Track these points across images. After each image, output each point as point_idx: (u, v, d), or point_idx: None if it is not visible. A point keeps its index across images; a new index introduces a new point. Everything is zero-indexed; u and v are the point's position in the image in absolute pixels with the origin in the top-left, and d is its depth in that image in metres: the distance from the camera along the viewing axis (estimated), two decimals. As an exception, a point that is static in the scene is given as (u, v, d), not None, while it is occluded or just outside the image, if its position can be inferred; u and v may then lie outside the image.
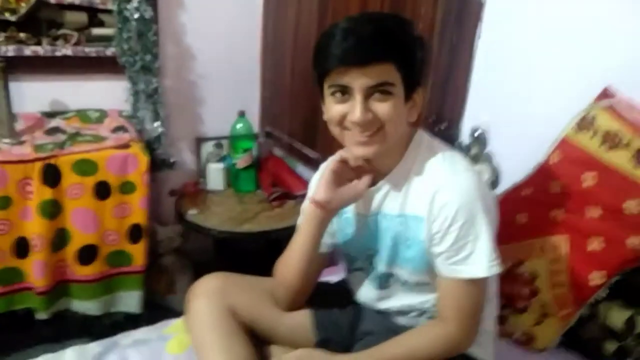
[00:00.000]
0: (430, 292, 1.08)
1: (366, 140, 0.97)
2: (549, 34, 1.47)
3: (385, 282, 1.13)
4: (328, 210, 1.07)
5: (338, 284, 1.31)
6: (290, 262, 1.11)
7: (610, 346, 1.25)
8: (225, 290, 1.13)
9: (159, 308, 2.10)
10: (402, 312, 1.15)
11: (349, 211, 1.13)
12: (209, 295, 1.12)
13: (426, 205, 0.99)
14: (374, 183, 1.07)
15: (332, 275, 1.40)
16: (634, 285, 1.23)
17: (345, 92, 0.95)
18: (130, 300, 1.93)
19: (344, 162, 1.07)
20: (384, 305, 1.16)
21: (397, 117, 0.96)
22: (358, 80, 0.92)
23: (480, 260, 0.97)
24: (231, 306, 1.11)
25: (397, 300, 1.14)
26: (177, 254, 2.23)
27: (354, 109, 0.94)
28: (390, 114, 0.95)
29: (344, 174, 1.07)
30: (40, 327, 1.87)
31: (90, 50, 2.01)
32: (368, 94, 0.94)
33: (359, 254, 1.16)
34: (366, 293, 1.18)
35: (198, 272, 2.26)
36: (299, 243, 1.10)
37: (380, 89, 0.93)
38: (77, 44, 2.00)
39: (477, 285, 0.99)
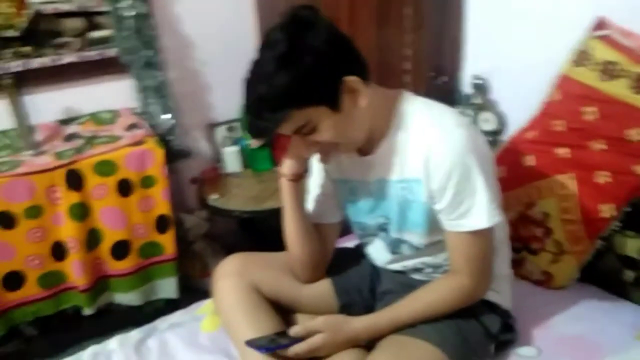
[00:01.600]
0: (442, 250, 1.11)
1: (325, 158, 1.05)
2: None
3: (397, 246, 1.16)
4: (294, 179, 1.12)
5: (355, 249, 1.35)
6: (290, 237, 1.17)
7: (629, 275, 1.27)
8: (246, 269, 1.19)
9: (196, 291, 2.18)
10: (417, 270, 1.19)
11: (353, 180, 1.16)
12: (231, 275, 1.18)
13: (421, 167, 1.01)
14: (370, 152, 1.09)
15: (349, 242, 1.44)
16: (646, 213, 1.24)
17: None
18: (167, 287, 2.02)
19: None
20: (399, 265, 1.20)
21: (340, 130, 0.98)
22: (280, 132, 0.96)
23: (480, 212, 0.99)
24: (253, 283, 1.17)
25: (411, 261, 1.18)
26: (206, 238, 2.31)
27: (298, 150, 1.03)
28: (329, 137, 0.98)
29: None
30: (88, 322, 1.98)
31: (93, 54, 2.06)
32: (297, 135, 0.98)
33: (368, 221, 1.19)
34: (380, 257, 1.22)
35: (228, 253, 2.34)
36: (287, 217, 1.16)
37: (302, 132, 0.97)
38: (79, 49, 2.05)
39: (482, 235, 1.01)
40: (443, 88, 1.70)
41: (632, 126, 1.20)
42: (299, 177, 1.12)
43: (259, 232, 2.35)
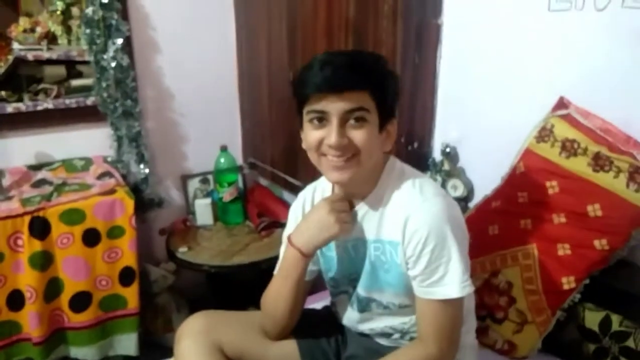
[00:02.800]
0: (411, 314, 1.12)
1: (342, 165, 1.01)
2: (506, 48, 1.53)
3: (366, 305, 1.16)
4: (308, 254, 1.11)
5: (323, 310, 1.34)
6: (279, 299, 1.15)
7: (589, 347, 1.29)
8: (210, 328, 1.16)
9: (157, 347, 2.12)
10: (384, 334, 1.18)
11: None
12: (194, 335, 1.15)
13: (400, 231, 1.03)
14: (350, 209, 1.11)
15: (317, 303, 1.43)
16: (604, 286, 1.27)
17: (322, 118, 1.00)
18: (127, 343, 1.95)
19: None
20: (366, 327, 1.20)
21: (372, 144, 1.01)
22: (334, 105, 0.98)
23: (452, 281, 1.01)
24: (217, 343, 1.15)
25: (379, 323, 1.17)
26: (171, 292, 2.27)
27: (331, 134, 0.99)
28: (365, 141, 1.00)
29: None
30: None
31: (71, 102, 2.08)
32: (344, 119, 0.99)
33: (341, 279, 1.20)
34: (349, 315, 1.22)
35: (193, 308, 2.29)
36: (286, 284, 1.13)
37: (355, 115, 0.99)
38: (57, 96, 2.07)
39: (452, 305, 1.02)
40: (414, 153, 1.74)
41: (591, 202, 1.25)
42: (311, 253, 1.11)
43: (227, 287, 2.31)
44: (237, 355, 1.17)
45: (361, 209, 1.10)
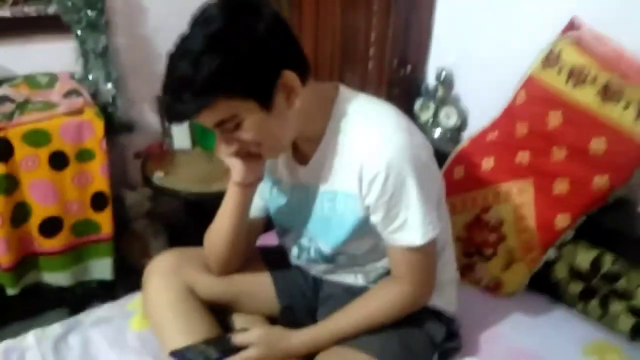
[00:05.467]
0: (379, 258, 1.06)
1: (245, 159, 0.95)
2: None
3: (331, 259, 1.08)
4: (246, 187, 1.01)
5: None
6: (217, 235, 1.07)
7: (576, 287, 1.25)
8: (180, 268, 1.09)
9: (134, 272, 2.07)
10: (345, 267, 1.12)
11: (281, 181, 1.09)
12: (163, 274, 1.08)
13: (356, 181, 0.93)
14: (307, 158, 1.00)
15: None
16: (599, 225, 1.21)
17: None
18: (101, 268, 1.90)
19: None
20: (335, 278, 1.14)
21: (266, 130, 0.88)
22: (200, 121, 0.86)
23: (414, 228, 0.93)
24: (188, 283, 1.08)
25: (348, 273, 1.11)
26: (148, 217, 2.19)
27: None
28: (253, 137, 0.88)
29: None
30: (16, 302, 1.85)
31: (30, 10, 1.88)
32: (219, 127, 0.87)
33: (288, 224, 1.12)
34: (314, 267, 1.14)
35: (171, 234, 2.25)
36: (225, 217, 1.05)
37: (224, 127, 0.87)
38: (15, 3, 1.86)
39: (420, 248, 0.95)
40: (406, 78, 1.62)
41: (596, 136, 1.16)
42: (252, 184, 1.02)
43: (205, 215, 2.24)
44: (210, 296, 1.10)
45: (315, 157, 0.99)
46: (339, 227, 1.00)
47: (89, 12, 1.89)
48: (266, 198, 1.12)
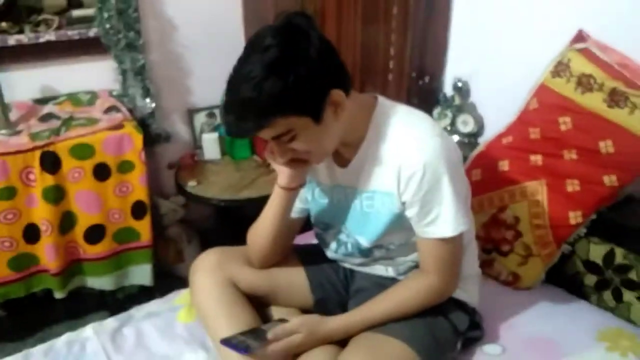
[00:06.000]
0: (411, 252, 1.15)
1: (297, 164, 1.06)
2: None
3: (368, 252, 1.18)
4: (291, 190, 1.12)
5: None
6: (261, 232, 1.18)
7: (590, 279, 1.33)
8: (222, 264, 1.20)
9: (169, 277, 2.19)
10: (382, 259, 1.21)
11: (322, 183, 1.18)
12: (208, 270, 1.19)
13: (394, 180, 1.04)
14: (347, 161, 1.11)
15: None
16: (611, 221, 1.29)
17: None
18: (141, 274, 2.01)
19: None
20: (367, 270, 1.23)
21: (317, 141, 0.99)
22: (258, 135, 0.97)
23: (447, 221, 1.03)
24: (230, 278, 1.19)
25: (380, 266, 1.21)
26: (181, 224, 2.31)
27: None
28: (305, 147, 0.99)
29: None
30: (59, 305, 1.97)
31: (73, 33, 2.01)
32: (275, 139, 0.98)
33: (332, 223, 1.21)
34: (350, 260, 1.24)
35: (203, 240, 2.37)
36: (269, 216, 1.16)
37: (281, 139, 0.97)
38: (59, 28, 2.00)
39: (450, 241, 1.05)
40: (424, 88, 1.72)
41: (603, 138, 1.25)
42: (296, 188, 1.13)
43: (235, 220, 2.36)
44: (250, 289, 1.21)
45: (355, 160, 1.09)
46: (376, 222, 1.10)
47: (127, 34, 2.03)
48: (305, 200, 1.22)
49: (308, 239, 1.39)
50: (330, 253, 1.25)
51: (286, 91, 0.90)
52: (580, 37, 1.35)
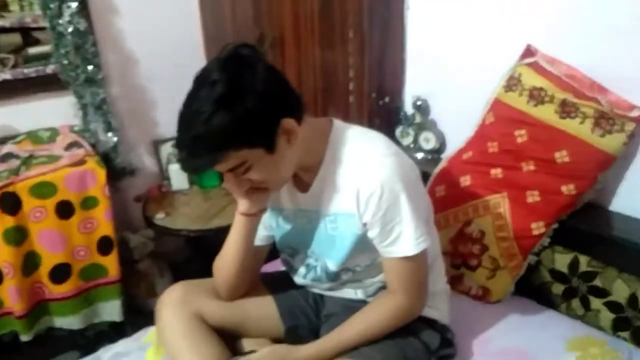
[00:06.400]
0: (377, 273, 1.15)
1: (256, 193, 1.06)
2: (472, -1, 1.52)
3: (336, 276, 1.18)
4: (251, 216, 1.11)
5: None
6: (226, 262, 1.17)
7: (558, 288, 1.35)
8: (189, 297, 1.18)
9: (142, 312, 2.14)
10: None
11: (284, 209, 1.18)
12: (174, 305, 1.16)
13: (354, 202, 1.04)
14: (308, 185, 1.11)
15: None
16: (573, 229, 1.32)
17: None
18: (111, 310, 1.97)
19: None
20: (337, 294, 1.23)
21: (272, 170, 1.00)
22: (214, 169, 0.97)
23: (407, 240, 1.03)
24: (197, 311, 1.16)
25: (349, 288, 1.20)
26: (152, 257, 2.27)
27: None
28: (261, 177, 1.00)
29: None
30: (28, 348, 1.90)
31: (30, 71, 1.99)
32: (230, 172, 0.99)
33: (294, 248, 1.21)
34: (318, 285, 1.23)
35: (176, 272, 2.32)
36: (232, 245, 1.15)
37: (235, 172, 0.98)
38: (15, 66, 1.98)
39: (413, 259, 1.05)
40: (385, 108, 1.74)
41: (558, 149, 1.28)
42: (257, 214, 1.12)
43: (208, 250, 2.32)
44: (218, 322, 1.18)
45: (315, 184, 1.10)
46: (342, 245, 1.10)
47: (86, 68, 2.01)
48: (270, 227, 1.21)
49: (273, 267, 1.37)
50: (298, 279, 1.24)
51: (235, 124, 0.91)
52: (529, 51, 1.39)
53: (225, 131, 0.90)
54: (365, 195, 1.02)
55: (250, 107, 0.91)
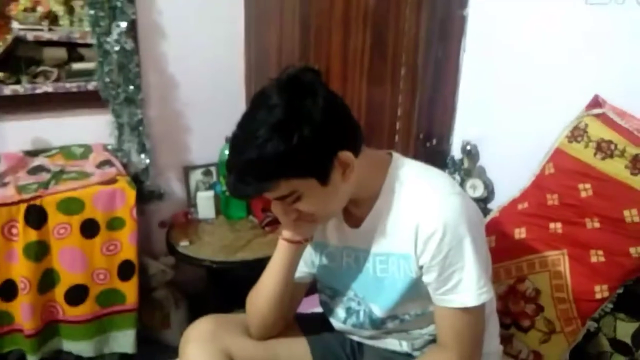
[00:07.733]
0: (427, 324, 1.05)
1: (302, 224, 1.00)
2: (536, 44, 1.47)
3: (380, 323, 1.08)
4: (295, 243, 1.04)
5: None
6: (262, 294, 1.08)
7: (620, 360, 1.22)
8: (217, 334, 1.09)
9: (153, 344, 2.04)
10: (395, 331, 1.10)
11: (331, 245, 1.10)
12: (202, 340, 1.08)
13: (411, 241, 0.95)
14: (360, 221, 1.03)
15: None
16: (638, 295, 1.20)
17: None
18: (124, 340, 1.87)
19: None
20: (378, 344, 1.12)
21: (321, 203, 0.93)
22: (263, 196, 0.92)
23: (468, 289, 0.94)
24: (225, 349, 1.07)
25: (393, 338, 1.10)
26: (170, 286, 2.18)
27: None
28: (310, 209, 0.93)
29: None
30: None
31: (72, 86, 1.98)
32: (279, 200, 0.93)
33: (341, 289, 1.12)
34: (360, 332, 1.13)
35: (192, 304, 2.23)
36: (271, 274, 1.07)
37: (285, 201, 0.92)
38: (57, 80, 1.97)
39: (472, 312, 0.95)
40: (432, 150, 1.68)
41: (629, 207, 1.19)
42: (301, 242, 1.04)
43: (228, 283, 2.23)
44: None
45: (368, 220, 1.01)
46: (391, 289, 1.01)
47: (127, 88, 1.99)
48: (311, 264, 1.13)
49: (308, 306, 1.27)
50: (337, 323, 1.14)
51: (289, 154, 0.85)
52: (596, 102, 1.32)
53: (278, 160, 0.84)
54: (425, 235, 0.93)
55: (306, 137, 0.85)
